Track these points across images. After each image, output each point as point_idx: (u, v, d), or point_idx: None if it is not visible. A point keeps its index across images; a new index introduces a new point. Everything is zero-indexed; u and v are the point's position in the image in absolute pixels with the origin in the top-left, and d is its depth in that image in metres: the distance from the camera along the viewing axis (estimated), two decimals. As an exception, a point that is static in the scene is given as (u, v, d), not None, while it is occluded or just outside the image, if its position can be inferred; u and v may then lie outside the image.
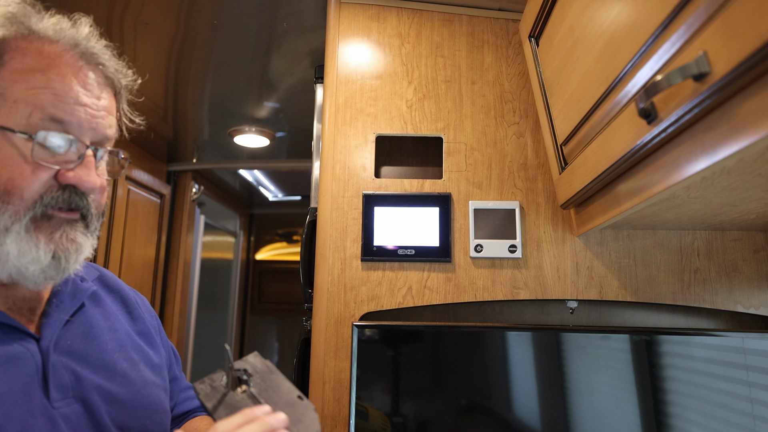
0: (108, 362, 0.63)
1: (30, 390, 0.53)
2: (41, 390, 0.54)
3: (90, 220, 0.59)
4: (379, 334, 0.97)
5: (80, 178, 0.56)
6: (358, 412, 0.93)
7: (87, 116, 0.57)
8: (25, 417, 0.51)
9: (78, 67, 0.57)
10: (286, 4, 1.35)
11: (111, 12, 1.37)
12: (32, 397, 0.53)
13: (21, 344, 0.55)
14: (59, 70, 0.55)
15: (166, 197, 2.74)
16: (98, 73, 0.60)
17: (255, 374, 0.55)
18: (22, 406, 0.51)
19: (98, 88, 0.59)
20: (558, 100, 0.93)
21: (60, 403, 0.55)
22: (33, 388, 0.53)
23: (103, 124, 0.59)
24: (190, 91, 1.92)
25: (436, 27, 1.17)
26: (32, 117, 0.53)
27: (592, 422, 0.91)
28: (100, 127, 0.58)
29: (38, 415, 0.52)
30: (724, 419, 0.89)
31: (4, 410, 0.50)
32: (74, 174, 0.56)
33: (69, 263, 0.57)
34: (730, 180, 0.63)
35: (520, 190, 1.08)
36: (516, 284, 1.04)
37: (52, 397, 0.54)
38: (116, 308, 0.72)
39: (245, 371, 0.55)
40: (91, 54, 0.59)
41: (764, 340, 0.91)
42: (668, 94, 0.56)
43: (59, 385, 0.56)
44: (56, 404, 0.55)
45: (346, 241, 1.06)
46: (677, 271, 1.03)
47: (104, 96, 0.60)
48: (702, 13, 0.49)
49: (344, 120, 1.13)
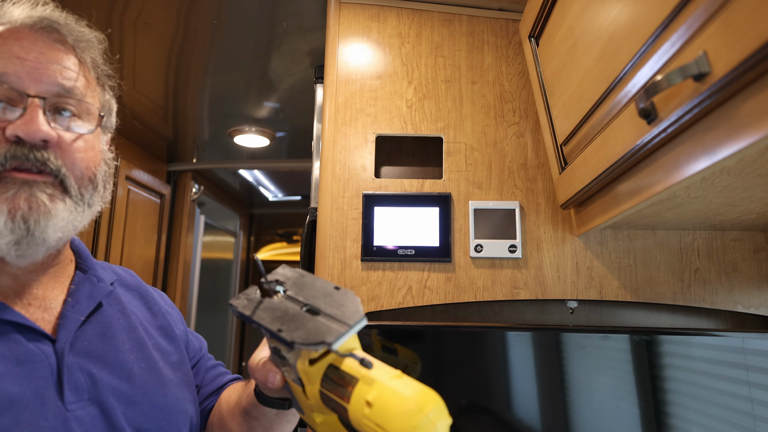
0: (125, 362, 0.61)
1: (43, 392, 0.52)
2: (56, 392, 0.53)
3: (67, 182, 0.56)
4: (379, 334, 0.97)
5: (23, 128, 0.52)
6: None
7: (25, 67, 0.54)
8: (36, 420, 0.50)
9: (16, 31, 0.56)
10: (286, 4, 1.35)
11: (111, 12, 1.37)
12: (45, 400, 0.51)
13: (36, 345, 0.54)
14: (3, 38, 0.54)
15: (166, 197, 2.74)
16: (43, 33, 0.58)
17: (287, 281, 0.54)
18: (33, 409, 0.50)
19: (42, 44, 0.57)
20: (558, 100, 0.93)
21: (74, 405, 0.54)
22: (47, 391, 0.52)
23: (52, 74, 0.56)
24: (190, 91, 1.92)
25: (436, 27, 1.17)
26: None
27: (592, 422, 0.91)
28: (46, 78, 0.55)
29: (51, 417, 0.51)
30: (724, 419, 0.89)
31: (14, 413, 0.49)
32: (15, 126, 0.52)
33: (31, 226, 0.53)
34: (730, 180, 0.63)
35: (520, 190, 1.08)
36: (516, 284, 1.04)
37: (66, 399, 0.53)
38: (135, 305, 0.71)
39: (277, 281, 0.54)
40: (36, 21, 0.57)
41: (764, 340, 0.91)
42: (668, 94, 0.56)
43: (74, 387, 0.55)
44: (71, 407, 0.53)
45: (346, 241, 1.06)
46: (677, 271, 1.03)
47: (52, 51, 0.57)
48: (702, 13, 0.49)
49: (344, 120, 1.13)
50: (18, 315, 0.54)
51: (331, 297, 0.49)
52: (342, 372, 0.44)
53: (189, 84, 1.85)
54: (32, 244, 0.54)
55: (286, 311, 0.49)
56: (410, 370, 0.91)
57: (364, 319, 0.45)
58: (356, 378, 0.42)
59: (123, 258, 2.31)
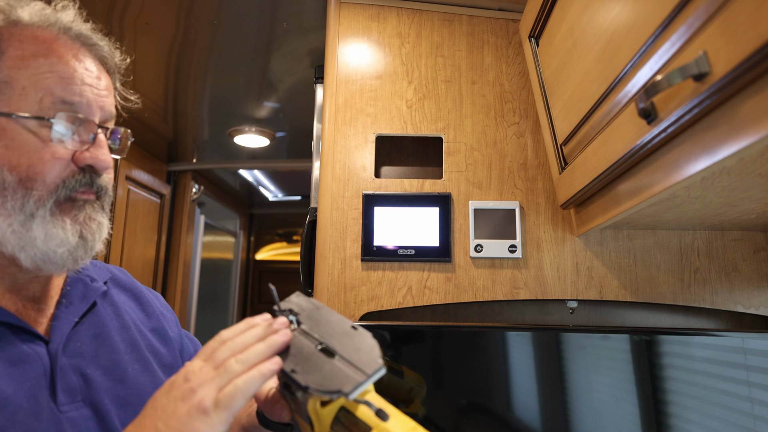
0: (119, 363, 0.61)
1: (36, 393, 0.52)
2: (48, 393, 0.53)
3: (104, 199, 0.61)
4: (379, 334, 0.97)
5: (96, 158, 0.57)
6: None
7: (93, 96, 0.57)
8: (30, 420, 0.50)
9: (76, 49, 0.58)
10: (286, 4, 1.34)
11: (111, 12, 1.37)
12: (38, 401, 0.52)
13: (29, 346, 0.54)
14: (59, 53, 0.56)
15: (166, 197, 2.74)
16: (93, 54, 0.60)
17: (302, 312, 0.53)
18: (27, 410, 0.50)
19: (96, 68, 0.60)
20: (558, 100, 0.93)
21: (68, 407, 0.54)
22: (40, 392, 0.52)
23: (108, 102, 0.60)
24: (190, 91, 1.92)
25: (436, 27, 1.17)
26: (43, 102, 0.54)
27: (592, 422, 0.91)
28: (106, 106, 0.59)
29: (44, 419, 0.51)
30: (724, 419, 0.89)
31: (8, 412, 0.49)
32: (90, 154, 0.56)
33: (95, 242, 0.58)
34: (730, 180, 0.63)
35: (520, 190, 1.08)
36: (516, 284, 1.04)
37: (59, 400, 0.53)
38: (129, 306, 0.71)
39: (291, 311, 0.53)
40: (83, 35, 0.59)
41: (764, 340, 0.91)
42: (668, 94, 0.56)
43: (67, 388, 0.55)
44: (63, 408, 0.53)
45: (346, 241, 1.06)
46: (677, 271, 1.03)
47: (103, 76, 0.61)
48: (702, 13, 0.49)
49: (344, 120, 1.13)
50: (11, 316, 0.54)
51: (348, 337, 0.48)
52: (355, 417, 0.43)
53: (189, 84, 1.85)
54: (88, 257, 0.58)
55: (301, 349, 0.48)
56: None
57: (383, 368, 0.44)
58: (370, 427, 0.41)
59: (123, 258, 2.31)
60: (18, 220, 0.53)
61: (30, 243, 0.53)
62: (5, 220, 0.53)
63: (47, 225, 0.54)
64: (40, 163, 0.53)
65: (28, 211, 0.53)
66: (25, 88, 0.53)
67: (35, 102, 0.53)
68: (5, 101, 0.53)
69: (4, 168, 0.52)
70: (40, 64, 0.54)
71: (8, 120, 0.53)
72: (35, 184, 0.53)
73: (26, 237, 0.53)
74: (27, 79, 0.53)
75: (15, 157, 0.53)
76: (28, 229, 0.53)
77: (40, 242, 0.53)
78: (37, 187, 0.53)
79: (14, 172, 0.52)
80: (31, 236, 0.53)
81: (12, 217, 0.53)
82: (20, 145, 0.53)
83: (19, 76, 0.53)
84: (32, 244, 0.53)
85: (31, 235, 0.53)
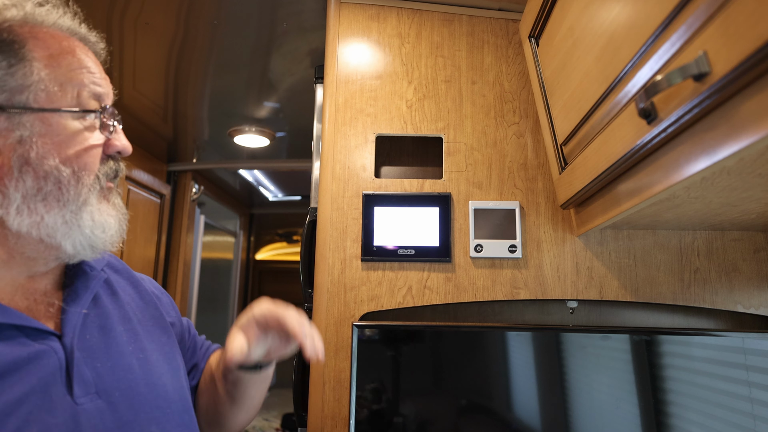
0: (124, 355, 0.63)
1: (50, 388, 0.53)
2: (64, 387, 0.54)
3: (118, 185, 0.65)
4: (379, 334, 0.97)
5: (123, 143, 0.62)
6: None
7: (108, 88, 0.62)
8: (44, 417, 0.51)
9: (85, 48, 0.61)
10: (286, 4, 1.34)
11: (111, 12, 1.37)
12: (53, 396, 0.52)
13: (43, 342, 0.55)
14: (79, 51, 0.60)
15: (166, 197, 2.74)
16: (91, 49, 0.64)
17: None
18: (42, 406, 0.51)
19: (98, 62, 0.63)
20: (558, 100, 0.93)
21: (83, 399, 0.55)
22: (55, 386, 0.53)
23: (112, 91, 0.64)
24: (190, 91, 1.92)
25: (436, 27, 1.17)
26: (81, 96, 0.57)
27: (592, 422, 0.91)
28: (112, 95, 0.63)
29: (59, 414, 0.52)
30: (724, 419, 0.89)
31: (24, 411, 0.49)
32: (118, 142, 0.61)
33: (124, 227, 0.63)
34: (730, 180, 0.63)
35: (520, 190, 1.08)
36: (516, 284, 1.04)
37: (75, 393, 0.54)
38: (128, 293, 0.73)
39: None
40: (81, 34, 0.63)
41: (764, 340, 0.91)
42: (668, 94, 0.56)
43: (81, 381, 0.56)
44: (80, 400, 0.54)
45: (346, 241, 1.06)
46: (677, 271, 1.03)
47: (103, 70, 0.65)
48: (702, 13, 0.49)
49: (344, 120, 1.13)
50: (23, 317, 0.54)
51: None
52: None
53: (189, 84, 1.85)
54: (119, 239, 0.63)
55: None
56: None
57: None
58: None
59: (123, 258, 2.31)
60: (71, 210, 0.56)
61: (78, 230, 0.57)
62: (59, 212, 0.56)
63: (95, 212, 0.58)
64: (85, 153, 0.57)
65: (83, 199, 0.57)
66: (63, 84, 0.57)
67: (74, 97, 0.57)
68: (48, 99, 0.56)
69: (57, 162, 0.56)
70: (70, 62, 0.58)
71: (54, 115, 0.56)
72: (84, 173, 0.57)
73: (75, 225, 0.56)
74: (63, 76, 0.57)
75: (65, 151, 0.56)
76: (80, 218, 0.57)
77: (87, 229, 0.57)
78: (86, 176, 0.57)
79: (67, 164, 0.56)
80: (81, 224, 0.57)
81: (66, 208, 0.56)
82: (68, 138, 0.56)
83: (56, 74, 0.57)
84: (80, 231, 0.57)
85: (80, 223, 0.57)
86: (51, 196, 0.55)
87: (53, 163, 0.55)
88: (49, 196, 0.55)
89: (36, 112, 0.55)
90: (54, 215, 0.55)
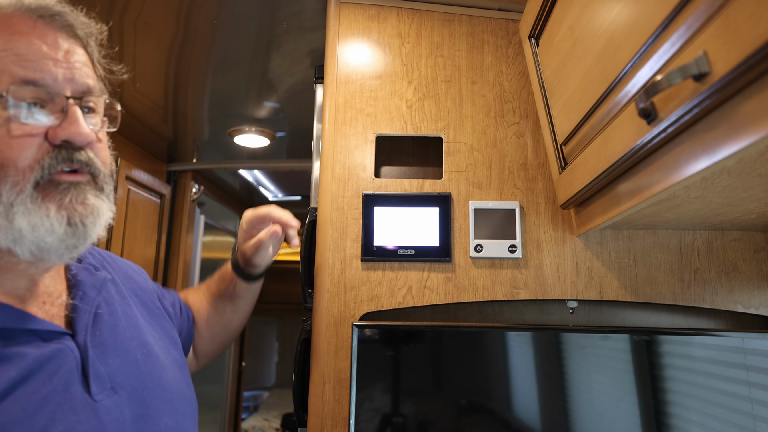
0: (130, 351, 0.63)
1: (71, 387, 0.53)
2: (82, 385, 0.54)
3: (101, 179, 0.57)
4: (379, 334, 0.97)
5: (70, 131, 0.53)
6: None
7: (59, 69, 0.54)
8: (68, 415, 0.51)
9: (32, 24, 0.54)
10: (286, 4, 1.34)
11: (111, 12, 1.37)
12: (73, 394, 0.52)
13: (58, 342, 0.55)
14: (14, 30, 0.52)
15: (166, 197, 2.73)
16: (56, 26, 0.56)
17: None
18: (64, 405, 0.51)
19: (62, 40, 0.56)
20: (558, 100, 0.93)
21: (100, 395, 0.55)
22: (74, 385, 0.53)
23: (81, 74, 0.56)
24: (190, 91, 1.92)
25: (436, 27, 1.17)
26: (1, 83, 0.50)
27: (592, 422, 0.91)
28: (78, 77, 0.55)
29: (81, 411, 0.52)
30: (724, 419, 0.89)
31: (48, 411, 0.49)
32: (62, 129, 0.53)
33: (88, 228, 0.54)
34: (730, 180, 0.63)
35: (520, 190, 1.08)
36: (516, 284, 1.04)
37: (92, 390, 0.54)
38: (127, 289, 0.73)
39: None
40: (41, 8, 0.55)
41: (764, 340, 0.91)
42: (668, 94, 0.56)
43: (98, 377, 0.56)
44: (97, 397, 0.54)
45: (346, 241, 1.06)
46: (677, 271, 1.03)
47: (72, 48, 0.57)
48: (702, 13, 0.49)
49: (344, 120, 1.13)
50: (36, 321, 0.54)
51: None
52: None
53: (189, 84, 1.85)
54: (85, 244, 0.55)
55: None
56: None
57: None
58: None
59: (123, 258, 2.31)
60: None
61: (19, 235, 0.51)
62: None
63: (29, 214, 0.50)
64: (8, 147, 0.50)
65: (6, 199, 0.50)
66: None
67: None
68: None
69: None
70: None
71: None
72: (8, 170, 0.50)
73: (13, 229, 0.50)
74: None
75: None
76: (11, 221, 0.50)
77: (27, 233, 0.51)
78: (10, 173, 0.50)
79: None
80: (17, 227, 0.50)
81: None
82: None
83: None
84: (21, 236, 0.51)
85: (16, 227, 0.50)
86: None
87: None
88: None
89: None
90: None
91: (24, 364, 0.50)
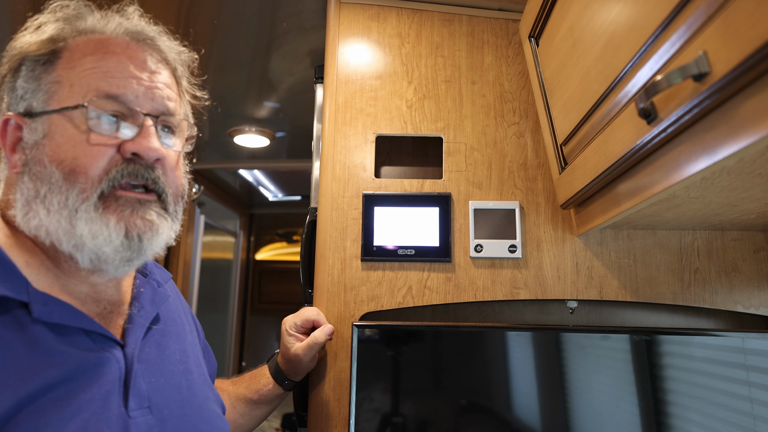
0: (175, 374, 0.62)
1: (110, 397, 0.52)
2: (120, 398, 0.53)
3: (166, 199, 0.58)
4: (379, 334, 0.97)
5: (141, 145, 0.55)
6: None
7: (141, 87, 0.57)
8: (101, 427, 0.50)
9: (125, 45, 0.58)
10: (286, 4, 1.34)
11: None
12: (111, 406, 0.52)
13: (108, 350, 0.54)
14: (108, 50, 0.57)
15: (166, 197, 2.73)
16: (148, 49, 0.60)
17: None
18: (100, 415, 0.50)
19: (151, 63, 0.59)
20: (558, 100, 0.93)
21: (136, 412, 0.54)
22: (113, 396, 0.52)
23: (161, 94, 0.59)
24: (190, 91, 1.92)
25: (436, 27, 1.17)
26: (87, 96, 0.54)
27: (592, 422, 0.91)
28: (157, 98, 0.58)
29: (114, 424, 0.51)
30: (724, 419, 0.89)
31: (83, 418, 0.48)
32: (134, 143, 0.55)
33: (144, 243, 0.55)
34: (730, 180, 0.63)
35: (520, 190, 1.08)
36: (516, 284, 1.04)
37: (130, 405, 0.53)
38: (180, 313, 0.72)
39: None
40: (137, 32, 0.59)
41: (764, 340, 0.91)
42: (668, 94, 0.56)
43: (138, 393, 0.55)
44: (133, 413, 0.53)
45: (346, 241, 1.06)
46: (677, 271, 1.03)
47: (159, 70, 0.60)
48: (702, 13, 0.49)
49: (344, 120, 1.13)
50: (91, 322, 0.54)
51: None
52: None
53: (189, 84, 1.85)
54: (140, 259, 0.56)
55: None
56: None
57: None
58: None
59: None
60: (64, 216, 0.53)
61: (80, 241, 0.53)
62: (54, 217, 0.53)
63: (91, 222, 0.53)
64: (83, 155, 0.53)
65: (72, 205, 0.53)
66: (73, 85, 0.55)
67: (80, 97, 0.54)
68: (56, 100, 0.55)
69: (52, 164, 0.53)
70: (88, 62, 0.55)
71: (57, 116, 0.54)
72: (78, 177, 0.53)
73: (75, 234, 0.53)
74: (75, 77, 0.55)
75: (62, 152, 0.53)
76: (74, 226, 0.52)
77: (87, 240, 0.53)
78: (80, 180, 0.53)
79: (60, 167, 0.53)
80: (78, 233, 0.53)
81: (59, 213, 0.53)
82: (67, 139, 0.53)
83: (68, 76, 0.55)
84: (82, 243, 0.53)
85: (77, 233, 0.53)
86: (47, 199, 0.53)
87: (47, 164, 0.53)
88: (45, 199, 0.53)
89: (46, 115, 0.54)
90: (51, 218, 0.53)
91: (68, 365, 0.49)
